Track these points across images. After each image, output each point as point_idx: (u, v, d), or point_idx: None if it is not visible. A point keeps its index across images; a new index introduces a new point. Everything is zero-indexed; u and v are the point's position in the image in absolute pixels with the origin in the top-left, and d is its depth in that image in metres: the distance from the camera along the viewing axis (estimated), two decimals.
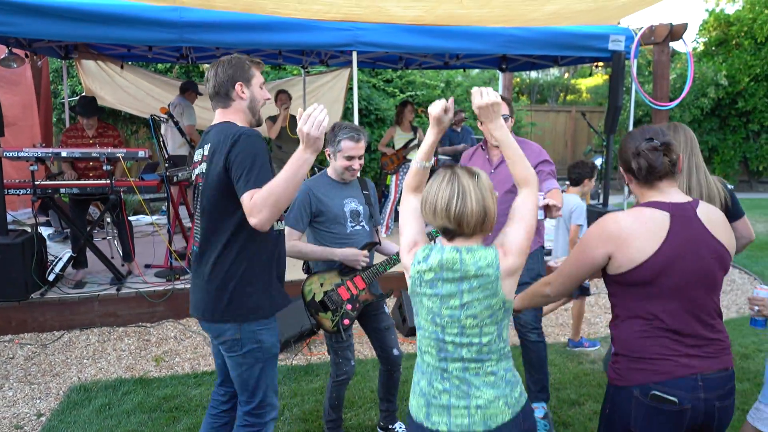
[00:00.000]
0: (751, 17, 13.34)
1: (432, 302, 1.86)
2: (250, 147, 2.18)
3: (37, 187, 4.90)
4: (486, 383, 1.82)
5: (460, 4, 4.10)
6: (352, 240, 3.01)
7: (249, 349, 2.35)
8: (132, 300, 5.08)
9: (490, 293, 1.81)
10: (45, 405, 3.76)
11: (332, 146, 2.94)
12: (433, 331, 1.87)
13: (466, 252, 1.83)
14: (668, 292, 1.86)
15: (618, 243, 1.88)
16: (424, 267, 1.85)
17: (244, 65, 2.36)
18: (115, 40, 5.30)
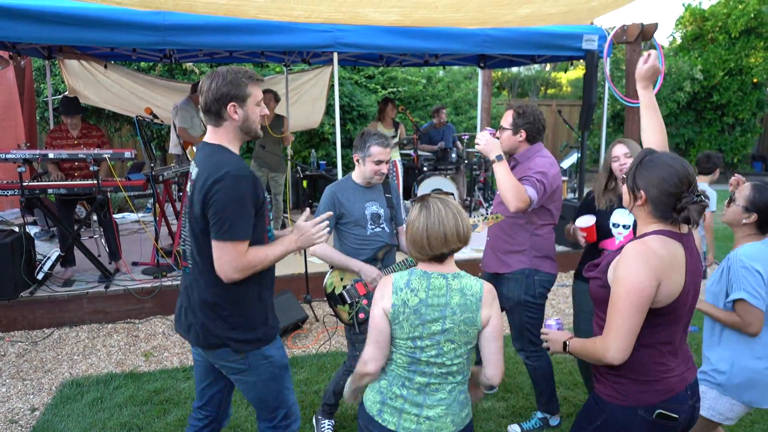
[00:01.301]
0: (725, 12, 13.65)
1: (413, 326, 1.95)
2: (230, 191, 2.08)
3: (25, 188, 4.99)
4: (440, 401, 1.99)
5: (436, 9, 4.25)
6: (372, 241, 3.16)
7: (259, 367, 2.30)
8: (120, 297, 5.20)
9: (470, 321, 1.96)
10: (38, 400, 3.89)
11: (362, 152, 3.10)
12: (409, 348, 1.97)
13: (452, 278, 1.97)
14: (682, 318, 1.96)
15: (664, 274, 1.86)
16: (408, 295, 1.95)
17: (240, 83, 2.16)
18: (99, 43, 5.39)
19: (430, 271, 1.98)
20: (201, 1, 3.99)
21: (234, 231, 2.10)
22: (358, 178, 3.22)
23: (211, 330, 2.25)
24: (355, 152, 3.15)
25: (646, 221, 1.97)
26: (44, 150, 5.24)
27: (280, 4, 4.02)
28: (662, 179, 1.89)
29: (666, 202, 1.89)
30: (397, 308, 1.95)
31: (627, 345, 1.86)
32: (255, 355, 2.29)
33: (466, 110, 12.00)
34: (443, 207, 1.96)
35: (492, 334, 1.99)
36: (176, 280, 5.47)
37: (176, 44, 5.26)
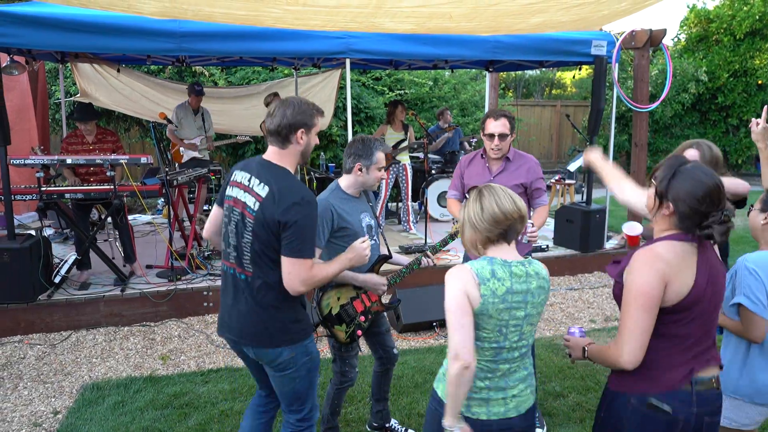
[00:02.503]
0: (730, 14, 13.67)
1: (501, 316, 1.97)
2: (307, 218, 2.34)
3: (44, 192, 5.07)
4: (519, 379, 2.09)
5: (451, 19, 4.32)
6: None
7: (302, 362, 2.53)
8: (136, 300, 5.28)
9: (544, 301, 2.10)
10: (60, 403, 3.96)
11: (367, 160, 2.96)
12: (495, 337, 2.00)
13: (528, 265, 2.06)
14: (698, 318, 1.96)
15: (671, 275, 1.90)
16: (496, 285, 1.96)
17: (312, 113, 2.46)
18: (115, 50, 5.48)
19: (508, 259, 2.03)
20: (220, 12, 4.06)
21: (305, 250, 2.36)
22: (349, 188, 3.05)
23: (270, 330, 2.47)
24: (357, 161, 2.96)
25: (666, 228, 1.99)
26: (62, 155, 5.33)
27: (297, 15, 4.09)
28: (694, 195, 1.90)
29: (692, 218, 1.92)
30: (486, 299, 1.94)
31: (638, 348, 1.90)
32: (300, 352, 2.51)
33: (473, 112, 12.05)
34: (498, 188, 2.09)
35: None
36: (191, 283, 5.55)
37: (192, 51, 5.34)
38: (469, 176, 3.70)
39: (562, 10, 4.55)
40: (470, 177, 3.69)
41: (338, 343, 3.08)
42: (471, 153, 3.81)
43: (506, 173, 3.61)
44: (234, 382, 4.18)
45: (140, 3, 3.94)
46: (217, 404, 3.87)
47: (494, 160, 3.63)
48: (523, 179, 3.60)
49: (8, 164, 4.94)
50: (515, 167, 3.63)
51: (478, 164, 3.71)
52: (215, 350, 4.77)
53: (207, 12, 4.06)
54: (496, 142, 3.50)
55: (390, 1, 3.78)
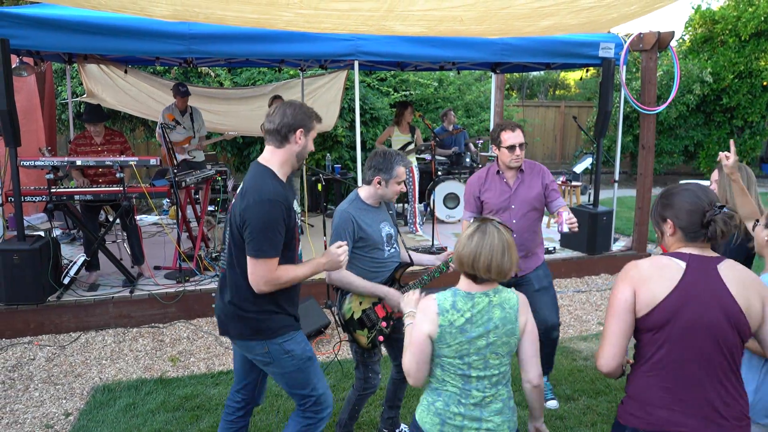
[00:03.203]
0: (735, 15, 13.63)
1: (459, 345, 2.04)
2: (263, 217, 2.36)
3: (53, 194, 5.09)
4: (497, 410, 2.10)
5: (461, 23, 4.32)
6: (389, 263, 3.11)
7: (282, 359, 2.57)
8: (145, 302, 5.30)
9: (510, 332, 2.08)
10: (71, 405, 3.98)
11: (387, 174, 3.00)
12: (457, 367, 2.07)
13: (494, 294, 2.09)
14: (676, 338, 1.89)
15: (639, 283, 1.93)
16: (454, 316, 2.04)
17: (312, 116, 2.54)
18: (124, 52, 5.48)
19: (473, 291, 2.08)
20: (231, 15, 4.06)
21: (265, 250, 2.39)
22: (368, 198, 3.10)
23: (237, 323, 2.56)
24: (377, 174, 3.01)
25: (677, 248, 2.01)
26: (71, 157, 5.34)
27: (309, 18, 4.09)
28: (684, 201, 1.98)
29: (693, 221, 1.95)
30: (443, 329, 2.04)
31: (611, 353, 1.95)
32: (275, 350, 2.56)
33: (478, 113, 12.05)
34: (497, 237, 2.05)
35: (529, 337, 2.13)
36: (199, 284, 5.56)
37: (201, 53, 5.35)
38: (489, 197, 3.72)
39: (572, 13, 4.54)
40: (490, 198, 3.72)
41: (360, 348, 3.09)
42: (479, 172, 3.84)
43: (524, 186, 3.70)
44: None
45: (152, 6, 3.95)
46: None
47: (510, 174, 3.69)
48: (540, 187, 3.69)
49: (18, 166, 4.96)
50: (530, 177, 3.72)
51: (494, 182, 3.73)
52: (224, 352, 4.78)
53: (219, 15, 4.06)
54: (517, 152, 3.59)
55: (401, 5, 3.79)
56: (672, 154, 14.15)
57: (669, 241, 2.06)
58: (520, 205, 3.68)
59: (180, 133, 6.92)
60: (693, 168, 14.99)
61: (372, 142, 10.00)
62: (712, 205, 1.94)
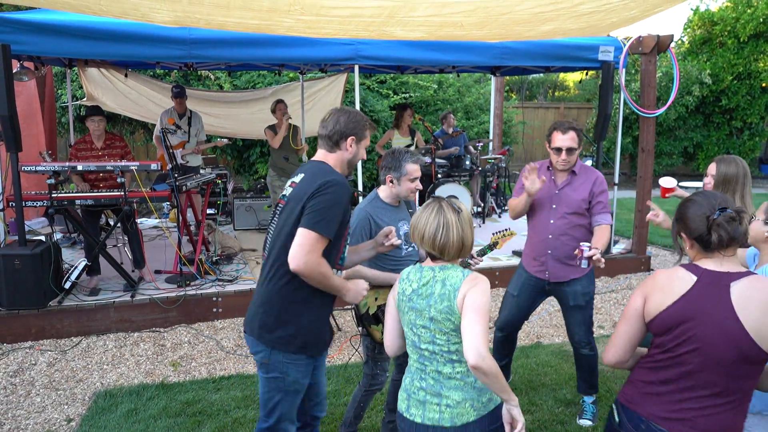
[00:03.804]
0: (734, 16, 13.67)
1: (410, 315, 2.19)
2: (333, 195, 2.35)
3: (54, 199, 5.09)
4: (455, 386, 2.13)
5: (462, 28, 4.33)
6: (407, 261, 3.13)
7: (273, 376, 2.50)
8: (146, 306, 5.30)
9: (448, 309, 2.09)
10: (73, 410, 3.98)
11: (397, 172, 3.07)
12: (411, 339, 2.21)
13: (439, 270, 2.17)
14: (673, 347, 1.94)
15: (650, 291, 2.00)
16: (405, 285, 2.22)
17: (365, 125, 2.56)
18: (125, 57, 5.50)
19: (425, 265, 2.22)
20: (233, 21, 4.07)
21: (322, 226, 2.32)
22: (387, 197, 3.17)
23: (260, 319, 2.51)
24: (388, 173, 3.10)
25: (698, 261, 2.01)
26: (72, 162, 5.34)
27: (309, 24, 4.11)
28: (690, 212, 2.00)
29: (700, 230, 1.95)
30: (399, 297, 2.24)
31: (614, 353, 2.08)
32: (275, 360, 2.49)
33: (477, 115, 12.07)
34: (435, 212, 2.16)
35: (467, 314, 2.04)
36: (200, 289, 5.57)
37: (202, 58, 5.36)
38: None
39: (572, 18, 4.56)
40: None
41: (373, 343, 3.13)
42: (539, 162, 3.67)
43: (570, 188, 3.58)
44: (246, 389, 4.19)
45: (153, 12, 3.96)
46: (230, 412, 3.88)
47: (560, 173, 3.60)
48: (586, 193, 3.54)
49: (19, 171, 4.96)
50: (580, 182, 3.57)
51: (544, 174, 3.60)
52: (226, 357, 4.79)
53: (220, 21, 4.08)
54: (563, 156, 3.48)
55: (402, 11, 3.80)
56: (671, 155, 14.17)
57: (691, 255, 2.05)
58: (561, 207, 3.55)
59: (177, 137, 6.93)
60: (692, 169, 15.01)
61: (372, 145, 10.00)
62: (714, 209, 1.93)
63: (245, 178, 10.91)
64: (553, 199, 3.59)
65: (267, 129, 7.13)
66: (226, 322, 5.45)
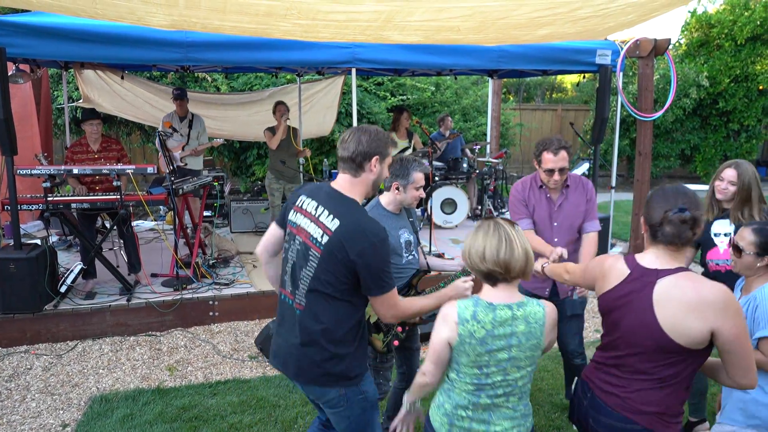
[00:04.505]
0: (731, 19, 13.67)
1: (482, 358, 2.02)
2: (383, 252, 2.27)
3: (50, 202, 5.07)
4: (505, 416, 2.09)
5: (459, 32, 4.33)
6: (407, 269, 3.12)
7: (356, 400, 2.41)
8: (142, 310, 5.28)
9: (535, 346, 2.06)
10: (69, 416, 3.96)
11: (404, 179, 3.04)
12: (474, 374, 2.06)
13: (518, 308, 2.04)
14: (606, 325, 2.22)
15: (599, 274, 2.25)
16: (474, 327, 2.02)
17: (387, 142, 2.43)
18: (122, 60, 5.49)
19: (495, 302, 2.05)
20: (229, 25, 4.06)
21: (389, 282, 2.30)
22: (389, 204, 3.14)
23: (314, 369, 2.36)
24: (395, 180, 3.05)
25: (647, 248, 2.16)
26: (68, 165, 5.33)
27: (306, 28, 4.10)
28: (654, 200, 2.10)
29: (655, 219, 2.05)
30: (462, 338, 2.03)
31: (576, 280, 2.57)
32: (353, 391, 2.40)
33: (475, 117, 12.06)
34: (494, 228, 2.06)
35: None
36: (196, 292, 5.55)
37: (198, 60, 5.35)
38: (533, 207, 3.56)
39: (570, 22, 4.56)
40: (534, 208, 3.56)
41: (374, 352, 3.10)
42: (524, 180, 3.64)
43: (569, 203, 3.52)
44: (242, 394, 4.18)
45: (149, 15, 3.95)
46: (226, 417, 3.87)
47: (554, 192, 3.54)
48: (584, 204, 3.53)
49: (15, 174, 4.94)
50: (575, 194, 3.53)
51: (538, 195, 3.55)
52: (222, 361, 4.78)
53: (216, 25, 4.07)
54: (556, 177, 3.40)
55: (399, 16, 3.79)
56: (669, 157, 14.18)
57: (644, 238, 2.17)
58: (563, 223, 3.52)
59: (175, 140, 6.91)
60: (690, 171, 15.01)
61: None
62: (674, 206, 1.99)
63: (242, 180, 10.89)
64: (553, 217, 3.53)
65: (266, 130, 7.12)
66: (222, 326, 5.44)
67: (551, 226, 3.54)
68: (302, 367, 2.38)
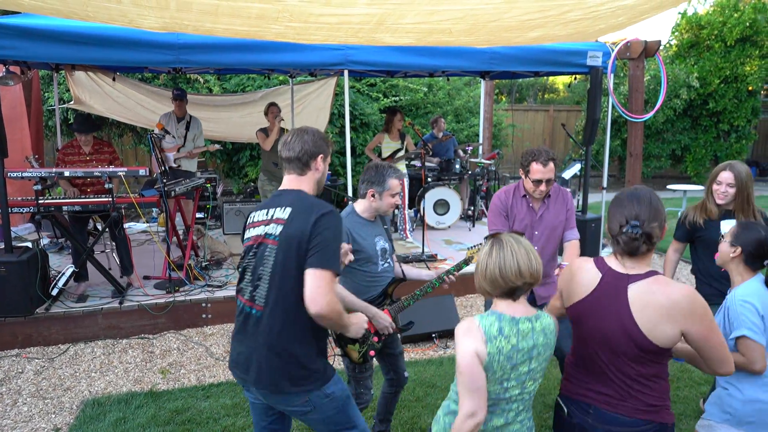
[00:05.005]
0: (721, 21, 13.78)
1: (504, 371, 2.00)
2: (335, 228, 2.27)
3: (41, 205, 5.05)
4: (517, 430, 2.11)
5: (450, 34, 4.35)
6: (382, 277, 3.12)
7: (323, 403, 2.37)
8: (134, 313, 5.27)
9: (549, 356, 2.11)
10: (61, 420, 3.95)
11: (380, 186, 3.03)
12: (496, 391, 2.02)
13: (536, 320, 2.06)
14: (581, 336, 2.22)
15: (568, 283, 2.26)
16: (502, 343, 1.98)
17: (328, 141, 2.51)
18: (113, 62, 5.45)
19: (517, 316, 2.04)
20: (221, 27, 4.06)
21: (333, 263, 2.23)
22: (364, 212, 3.13)
23: (276, 375, 2.32)
24: (371, 187, 3.05)
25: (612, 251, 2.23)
26: (59, 167, 5.31)
27: (299, 30, 4.10)
28: (612, 210, 2.16)
29: (614, 231, 2.13)
30: (492, 356, 1.97)
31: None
32: (317, 396, 2.36)
33: (467, 118, 12.09)
34: (516, 243, 2.05)
35: None
36: (189, 295, 5.54)
37: (190, 63, 5.34)
38: (514, 216, 3.61)
39: (560, 24, 4.58)
40: (515, 217, 3.60)
41: (352, 363, 3.08)
42: (507, 188, 3.68)
43: (549, 213, 3.58)
44: (235, 396, 4.18)
45: (140, 18, 3.93)
46: (220, 420, 3.87)
47: (536, 201, 3.60)
48: (564, 215, 3.60)
49: (5, 177, 4.92)
50: (556, 205, 3.60)
51: (520, 204, 3.61)
52: (215, 363, 4.77)
53: (208, 27, 4.06)
54: (542, 187, 3.45)
55: (391, 18, 3.80)
56: (659, 158, 14.27)
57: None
58: (544, 232, 3.58)
59: (169, 142, 6.88)
60: (680, 171, 15.11)
61: (362, 148, 10.00)
62: (627, 221, 2.06)
63: (235, 181, 10.87)
64: (534, 226, 3.60)
65: (259, 132, 7.10)
66: (215, 328, 5.43)
67: (532, 234, 3.59)
68: (264, 372, 2.33)
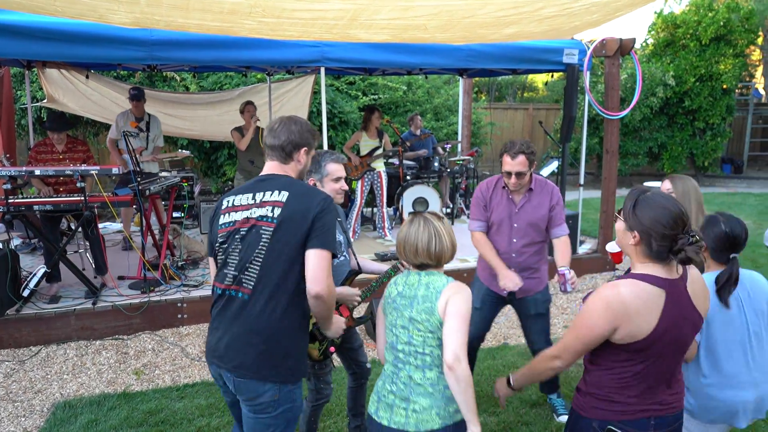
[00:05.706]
0: (696, 20, 13.97)
1: (392, 316, 2.28)
2: (334, 213, 2.32)
3: (11, 204, 4.95)
4: (423, 393, 2.17)
5: (425, 30, 4.34)
6: (339, 271, 3.04)
7: (284, 409, 2.29)
8: (108, 313, 5.18)
9: (429, 310, 2.18)
10: (30, 423, 3.87)
11: (318, 173, 2.96)
12: (390, 341, 2.28)
13: (425, 275, 2.27)
14: (651, 359, 2.00)
15: (624, 320, 1.95)
16: (392, 289, 2.33)
17: (314, 135, 2.47)
18: (84, 58, 5.37)
19: (412, 270, 2.32)
20: (193, 23, 4.01)
21: (333, 245, 2.28)
22: None
23: (259, 358, 2.24)
24: (310, 176, 2.96)
25: (640, 261, 2.02)
26: (30, 166, 5.21)
27: (273, 26, 4.06)
28: (656, 221, 1.94)
29: (661, 243, 1.94)
30: (385, 299, 2.35)
31: (570, 361, 2.13)
32: (284, 396, 2.28)
33: (446, 116, 12.10)
34: (423, 224, 2.27)
35: (451, 319, 2.14)
36: (164, 294, 5.47)
37: (163, 59, 5.25)
38: (493, 207, 3.62)
39: (535, 21, 4.60)
40: (494, 208, 3.61)
41: (312, 360, 3.04)
42: (490, 179, 3.69)
43: (530, 205, 3.57)
44: (210, 396, 4.13)
45: (110, 13, 3.87)
46: (194, 421, 3.82)
47: (516, 194, 3.59)
48: (546, 209, 3.56)
49: None
50: (538, 199, 3.58)
51: (500, 195, 3.61)
52: (190, 363, 4.71)
53: (180, 23, 4.01)
54: (513, 180, 3.45)
55: (365, 14, 3.78)
56: (637, 155, 14.42)
57: (629, 250, 2.05)
58: (523, 225, 3.56)
59: (137, 141, 6.78)
60: (657, 169, 15.28)
61: (341, 146, 9.96)
62: (685, 230, 1.93)
63: (213, 180, 10.76)
64: (513, 218, 3.59)
65: (234, 131, 7.03)
66: (191, 328, 5.36)
67: (511, 226, 3.59)
68: (248, 357, 2.25)
